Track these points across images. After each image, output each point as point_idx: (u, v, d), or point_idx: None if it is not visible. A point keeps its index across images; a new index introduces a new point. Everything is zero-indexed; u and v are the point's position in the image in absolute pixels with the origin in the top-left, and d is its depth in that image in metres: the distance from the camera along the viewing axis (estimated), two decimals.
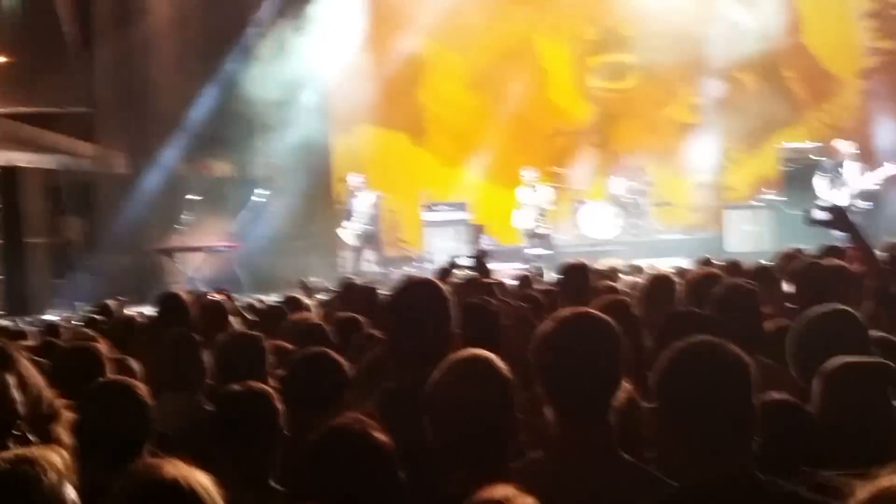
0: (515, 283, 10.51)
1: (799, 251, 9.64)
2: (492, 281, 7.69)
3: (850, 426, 3.63)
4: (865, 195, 16.47)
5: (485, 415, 3.35)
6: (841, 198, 16.26)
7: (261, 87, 20.73)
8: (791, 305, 6.11)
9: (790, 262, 8.31)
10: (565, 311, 3.59)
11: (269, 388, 4.29)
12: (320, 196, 20.61)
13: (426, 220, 19.86)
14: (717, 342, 3.12)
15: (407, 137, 22.01)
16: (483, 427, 3.35)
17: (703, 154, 20.38)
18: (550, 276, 12.50)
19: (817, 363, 3.83)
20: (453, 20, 20.74)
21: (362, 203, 18.15)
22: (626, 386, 3.59)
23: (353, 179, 18.63)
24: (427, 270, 16.79)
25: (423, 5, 20.77)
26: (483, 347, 3.59)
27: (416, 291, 4.26)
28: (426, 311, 4.12)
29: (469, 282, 7.03)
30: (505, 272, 13.26)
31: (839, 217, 6.95)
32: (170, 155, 19.51)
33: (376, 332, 5.89)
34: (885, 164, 16.83)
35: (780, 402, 3.59)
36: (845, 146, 16.99)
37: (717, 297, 5.70)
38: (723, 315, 5.40)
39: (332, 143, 21.63)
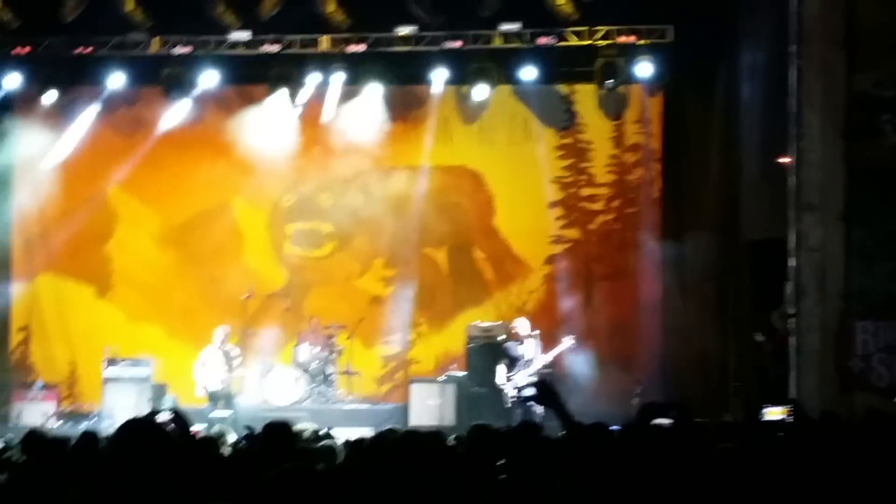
0: None
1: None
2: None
3: None
4: (544, 368, 17.07)
5: None
6: (522, 376, 16.81)
7: None
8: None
9: None
10: None
11: None
12: None
13: (107, 375, 19.18)
14: None
15: (92, 289, 21.35)
16: None
17: (392, 326, 20.74)
18: (232, 438, 12.36)
19: None
20: (148, 173, 20.59)
21: None
22: None
23: None
24: (106, 428, 16.21)
25: (117, 155, 20.54)
26: None
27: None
28: None
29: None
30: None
31: (544, 392, 7.16)
32: None
33: None
34: (562, 339, 17.58)
35: None
36: (524, 326, 17.60)
37: None
38: None
39: (11, 291, 20.80)
